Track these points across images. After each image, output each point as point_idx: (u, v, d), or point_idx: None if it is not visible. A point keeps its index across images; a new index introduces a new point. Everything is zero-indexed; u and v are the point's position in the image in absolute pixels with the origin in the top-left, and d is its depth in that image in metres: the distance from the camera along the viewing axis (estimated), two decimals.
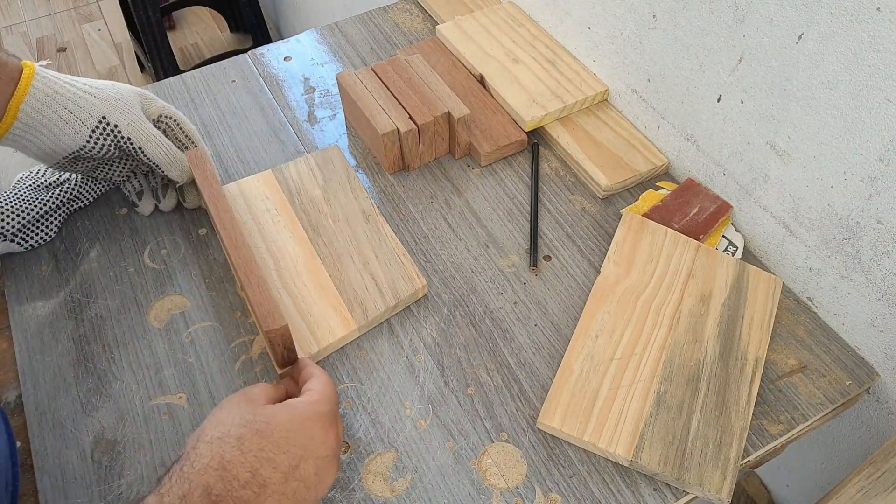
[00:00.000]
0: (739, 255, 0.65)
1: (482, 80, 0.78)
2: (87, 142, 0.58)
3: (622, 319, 0.58)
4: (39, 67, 0.56)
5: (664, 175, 0.72)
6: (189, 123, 0.65)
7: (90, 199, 0.68)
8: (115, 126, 0.58)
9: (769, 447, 0.54)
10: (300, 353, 0.56)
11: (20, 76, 0.54)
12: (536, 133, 0.75)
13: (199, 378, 0.57)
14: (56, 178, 0.65)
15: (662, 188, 0.70)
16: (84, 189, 0.67)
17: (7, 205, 0.62)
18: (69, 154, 0.58)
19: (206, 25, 2.42)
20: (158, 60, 1.88)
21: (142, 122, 0.60)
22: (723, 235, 0.66)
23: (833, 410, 0.57)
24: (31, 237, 0.64)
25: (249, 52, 0.86)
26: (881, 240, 0.53)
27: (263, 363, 0.58)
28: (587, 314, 0.59)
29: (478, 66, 0.79)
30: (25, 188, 0.64)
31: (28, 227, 0.63)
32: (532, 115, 0.73)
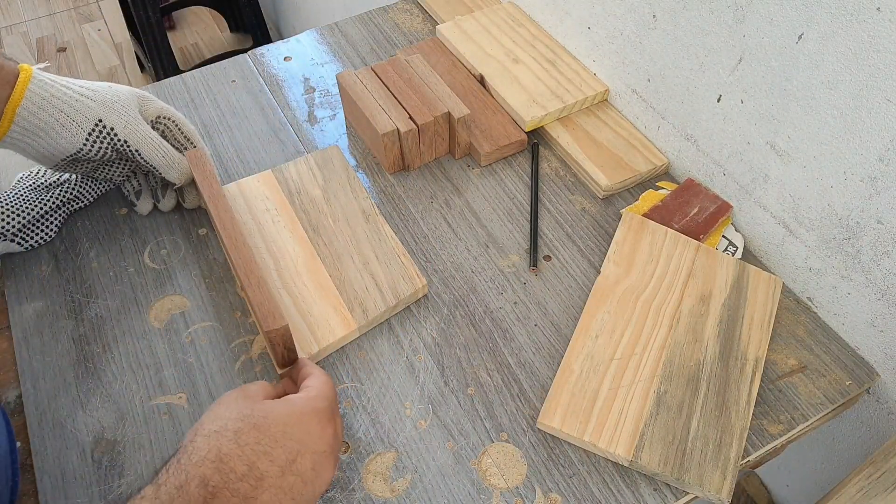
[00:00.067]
0: (739, 255, 0.65)
1: (482, 80, 0.78)
2: (84, 145, 0.58)
3: (622, 319, 0.58)
4: (37, 70, 0.56)
5: (664, 175, 0.72)
6: (188, 124, 0.65)
7: (90, 200, 0.68)
8: (112, 129, 0.58)
9: (769, 447, 0.54)
10: (300, 353, 0.56)
11: (16, 79, 0.54)
12: (536, 133, 0.75)
13: (199, 378, 0.57)
14: (56, 179, 0.65)
15: (662, 188, 0.70)
16: (84, 189, 0.66)
17: (7, 205, 0.62)
18: (67, 156, 0.58)
19: (206, 25, 2.42)
20: (158, 60, 1.88)
21: (138, 125, 0.60)
22: (723, 235, 0.66)
23: (833, 410, 0.57)
24: (31, 237, 0.64)
25: (249, 52, 0.86)
26: (881, 240, 0.53)
27: (263, 363, 0.58)
28: (587, 314, 0.59)
29: (478, 66, 0.79)
30: (25, 188, 0.64)
31: (28, 227, 0.63)
32: (532, 115, 0.73)
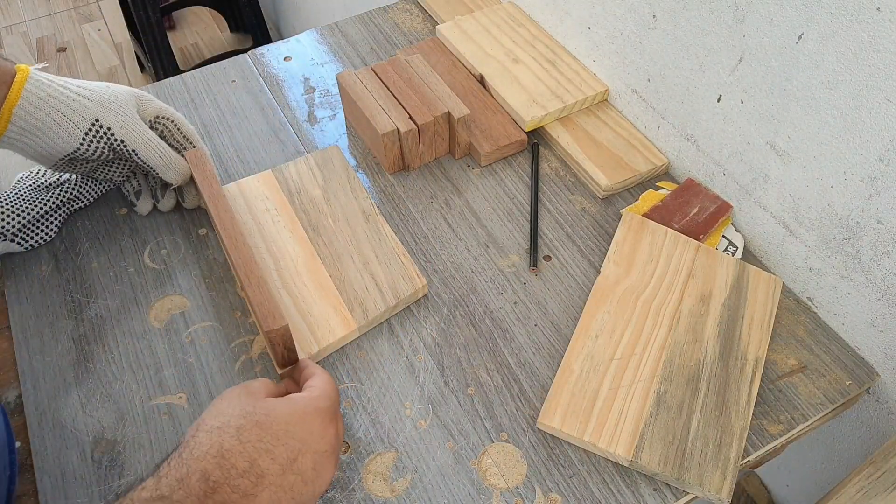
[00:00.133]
0: (739, 255, 0.65)
1: (482, 80, 0.78)
2: (81, 144, 0.58)
3: (622, 319, 0.58)
4: (34, 71, 0.56)
5: (664, 175, 0.72)
6: (187, 124, 0.65)
7: (90, 200, 0.68)
8: (109, 129, 0.58)
9: (769, 447, 0.54)
10: (300, 353, 0.56)
11: (13, 79, 0.54)
12: (536, 133, 0.75)
13: (199, 378, 0.57)
14: (56, 179, 0.65)
15: (662, 188, 0.70)
16: (84, 189, 0.66)
17: (7, 205, 0.62)
18: (65, 156, 0.58)
19: (206, 25, 2.42)
20: (158, 60, 1.88)
21: (136, 125, 0.59)
22: (723, 235, 0.66)
23: (833, 410, 0.57)
24: (32, 237, 0.64)
25: (249, 52, 0.86)
26: (881, 240, 0.53)
27: (263, 363, 0.58)
28: (587, 314, 0.59)
29: (478, 66, 0.79)
30: (25, 188, 0.64)
31: (28, 227, 0.63)
32: (532, 115, 0.73)
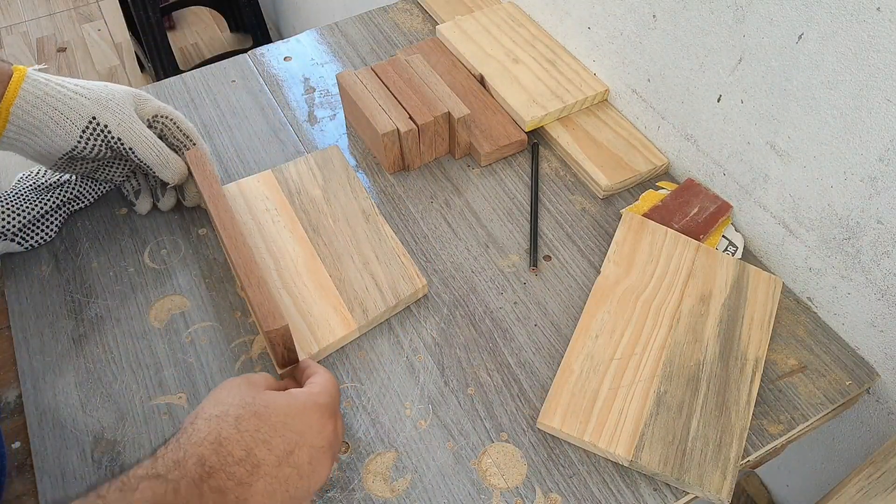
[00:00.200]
0: (739, 255, 0.65)
1: (482, 80, 0.78)
2: (79, 142, 0.58)
3: (622, 319, 0.58)
4: (31, 71, 0.56)
5: (664, 175, 0.72)
6: (186, 122, 0.65)
7: (90, 200, 0.68)
8: (105, 126, 0.58)
9: (769, 447, 0.54)
10: (300, 354, 0.56)
11: (10, 79, 0.55)
12: (536, 133, 0.75)
13: (199, 378, 0.57)
14: (56, 179, 0.65)
15: (662, 188, 0.70)
16: (84, 189, 0.66)
17: (7, 204, 0.62)
18: (63, 155, 0.59)
19: (206, 25, 2.42)
20: (158, 60, 1.88)
21: (133, 123, 0.60)
22: (723, 235, 0.66)
23: (833, 410, 0.57)
24: (32, 237, 0.64)
25: (249, 52, 0.86)
26: (881, 240, 0.53)
27: (263, 363, 0.58)
28: (587, 314, 0.59)
29: (478, 66, 0.79)
30: (26, 188, 0.64)
31: (28, 227, 0.63)
32: (532, 115, 0.73)
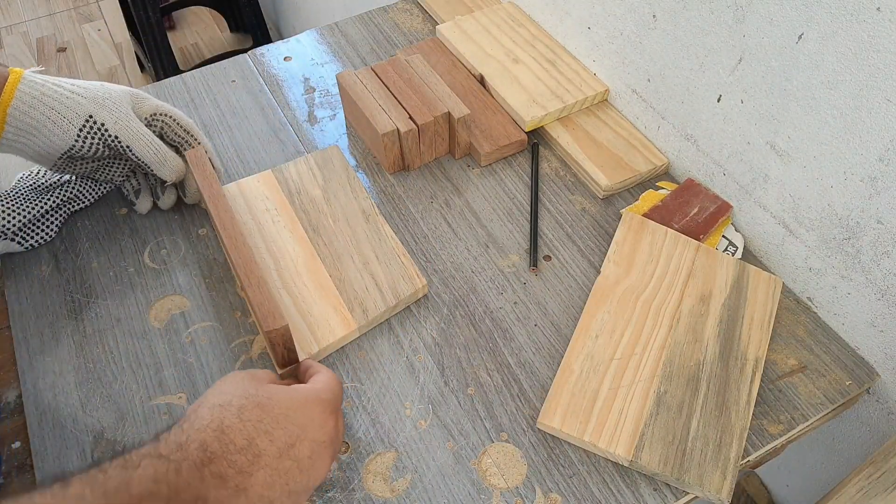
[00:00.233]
0: (739, 255, 0.65)
1: (482, 80, 0.78)
2: (76, 141, 0.58)
3: (622, 319, 0.58)
4: (28, 73, 0.57)
5: (664, 175, 0.72)
6: (185, 118, 0.65)
7: (91, 200, 0.68)
8: (102, 124, 0.58)
9: (769, 447, 0.54)
10: (300, 354, 0.56)
11: (6, 82, 0.55)
12: (536, 133, 0.75)
13: (199, 378, 0.57)
14: (57, 179, 0.65)
15: (662, 188, 0.70)
16: (84, 189, 0.67)
17: (7, 204, 0.62)
18: (62, 154, 0.59)
19: (206, 25, 2.42)
20: (158, 60, 1.88)
21: (129, 121, 0.60)
22: (723, 235, 0.66)
23: (833, 410, 0.57)
24: (32, 236, 0.64)
25: (249, 52, 0.86)
26: (881, 240, 0.53)
27: (263, 363, 0.57)
28: (587, 314, 0.59)
29: (478, 66, 0.79)
30: (25, 188, 0.64)
31: (28, 227, 0.63)
32: (532, 115, 0.73)
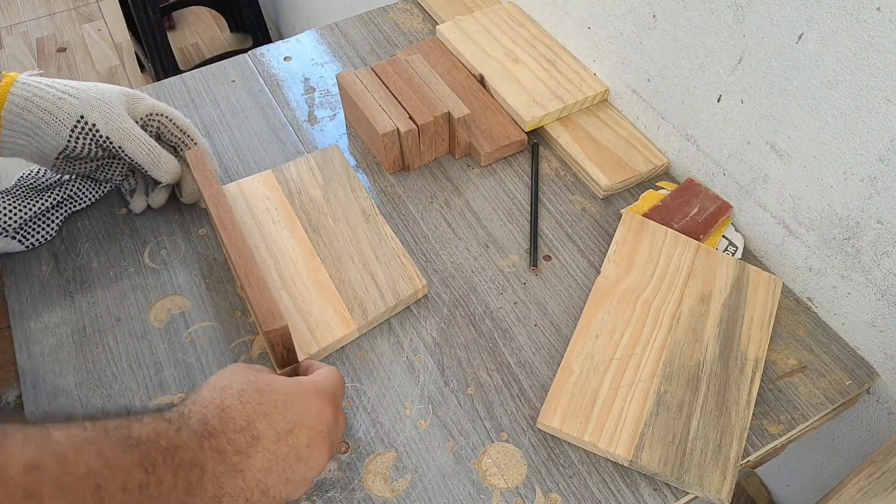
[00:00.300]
0: (739, 255, 0.65)
1: (482, 80, 0.78)
2: (69, 141, 0.58)
3: (622, 319, 0.58)
4: (23, 76, 0.58)
5: (664, 175, 0.72)
6: (182, 118, 0.65)
7: (91, 199, 0.68)
8: (93, 125, 0.59)
9: (769, 447, 0.54)
10: (300, 354, 0.56)
11: None
12: (536, 133, 0.75)
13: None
14: (57, 178, 0.66)
15: (662, 188, 0.70)
16: (84, 188, 0.67)
17: (8, 201, 0.62)
18: (59, 154, 0.59)
19: (206, 25, 2.42)
20: (158, 60, 1.88)
21: (121, 122, 0.60)
22: (723, 235, 0.66)
23: (833, 410, 0.57)
24: (32, 235, 0.64)
25: (249, 52, 0.86)
26: (881, 240, 0.53)
27: (263, 363, 0.57)
28: (587, 314, 0.59)
29: (478, 66, 0.79)
30: (26, 187, 0.64)
31: (29, 225, 0.63)
32: (532, 115, 0.73)
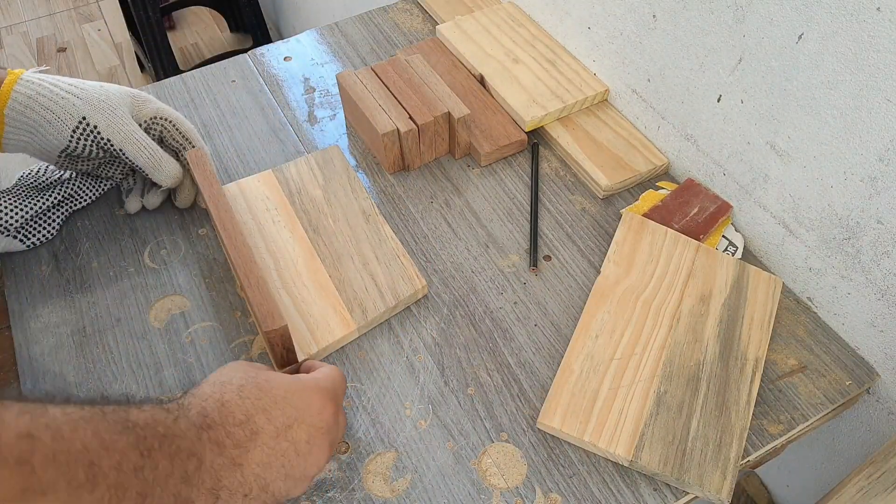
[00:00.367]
0: (739, 255, 0.65)
1: (482, 80, 0.78)
2: (70, 142, 0.59)
3: (622, 319, 0.58)
4: (28, 73, 0.58)
5: (664, 175, 0.72)
6: (186, 123, 0.65)
7: (92, 198, 0.68)
8: (95, 127, 0.59)
9: (769, 447, 0.54)
10: (299, 354, 0.56)
11: (2, 83, 0.56)
12: (536, 133, 0.75)
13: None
14: (58, 177, 0.66)
15: (662, 188, 0.70)
16: (85, 187, 0.67)
17: (8, 200, 0.62)
18: (61, 152, 0.60)
19: (206, 25, 2.42)
20: (158, 60, 1.88)
21: (124, 124, 0.60)
22: (723, 235, 0.66)
23: (833, 410, 0.57)
24: (33, 234, 0.64)
25: (249, 52, 0.86)
26: (881, 240, 0.53)
27: (263, 363, 0.57)
28: (587, 314, 0.59)
29: (478, 66, 0.79)
30: (26, 186, 0.64)
31: (29, 224, 0.63)
32: (532, 115, 0.73)
